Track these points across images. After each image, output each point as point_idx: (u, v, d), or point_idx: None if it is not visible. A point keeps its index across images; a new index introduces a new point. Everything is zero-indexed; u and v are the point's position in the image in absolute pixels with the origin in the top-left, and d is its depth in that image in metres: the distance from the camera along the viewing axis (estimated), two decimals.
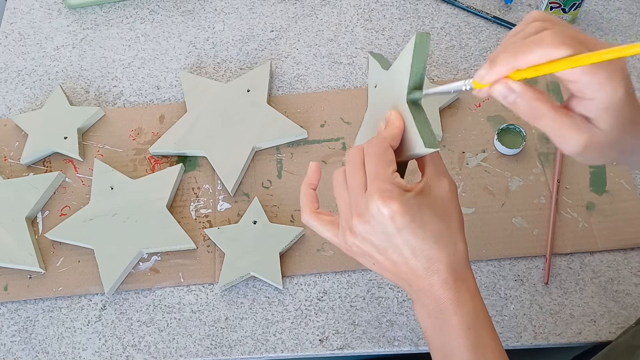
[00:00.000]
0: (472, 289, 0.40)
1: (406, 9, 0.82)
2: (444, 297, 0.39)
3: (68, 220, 0.67)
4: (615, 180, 0.67)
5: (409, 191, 0.38)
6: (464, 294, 0.39)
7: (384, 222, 0.37)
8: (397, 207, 0.36)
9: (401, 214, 0.37)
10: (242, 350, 0.61)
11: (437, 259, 0.39)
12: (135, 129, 0.74)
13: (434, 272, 0.39)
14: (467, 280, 0.40)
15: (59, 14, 0.85)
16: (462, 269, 0.40)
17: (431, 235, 0.38)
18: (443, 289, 0.39)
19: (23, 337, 0.63)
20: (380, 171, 0.38)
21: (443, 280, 0.39)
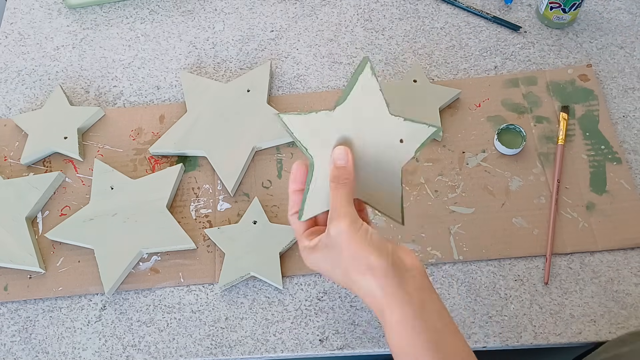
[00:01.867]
0: (388, 321, 0.43)
1: (406, 9, 0.82)
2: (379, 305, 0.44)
3: (68, 220, 0.67)
4: (615, 180, 0.67)
5: (313, 249, 0.47)
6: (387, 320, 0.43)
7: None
8: (308, 264, 0.48)
9: (313, 268, 0.48)
10: (242, 350, 0.61)
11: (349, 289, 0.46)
12: (135, 129, 0.74)
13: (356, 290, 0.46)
14: (383, 312, 0.43)
15: (59, 14, 0.85)
16: (372, 305, 0.45)
17: (334, 280, 0.47)
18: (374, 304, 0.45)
19: (23, 337, 0.63)
20: (297, 237, 0.50)
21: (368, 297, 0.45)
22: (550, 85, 0.73)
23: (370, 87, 0.46)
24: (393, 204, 0.50)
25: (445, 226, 0.65)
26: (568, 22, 0.77)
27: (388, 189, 0.49)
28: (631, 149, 0.69)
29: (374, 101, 0.47)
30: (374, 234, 0.44)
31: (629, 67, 0.74)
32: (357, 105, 0.46)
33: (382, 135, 0.48)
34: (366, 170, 0.48)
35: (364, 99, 0.46)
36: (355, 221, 0.44)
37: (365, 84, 0.46)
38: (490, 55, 0.77)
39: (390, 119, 0.47)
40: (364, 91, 0.46)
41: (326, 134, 0.47)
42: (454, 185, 0.68)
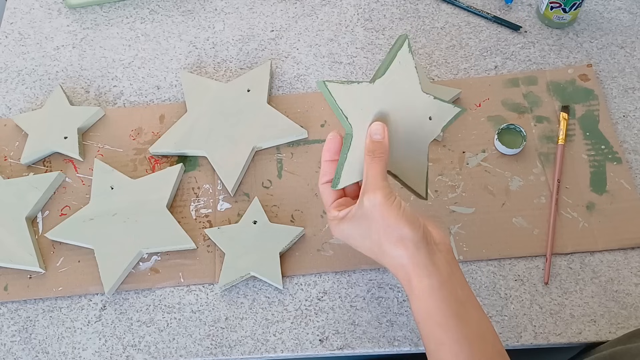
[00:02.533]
0: (415, 288, 0.46)
1: (406, 8, 0.82)
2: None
3: (68, 220, 0.67)
4: (615, 180, 0.67)
5: (343, 219, 0.49)
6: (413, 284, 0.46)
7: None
8: (336, 234, 0.51)
9: (341, 238, 0.51)
10: (242, 350, 0.61)
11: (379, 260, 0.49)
12: (135, 129, 0.74)
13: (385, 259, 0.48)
14: (410, 281, 0.46)
15: (59, 14, 0.85)
16: (400, 274, 0.47)
17: (362, 250, 0.49)
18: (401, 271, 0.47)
19: (23, 337, 0.63)
20: (325, 208, 0.52)
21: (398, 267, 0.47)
22: (550, 85, 0.73)
23: (407, 63, 0.48)
24: (419, 179, 0.52)
25: (445, 226, 0.65)
26: (568, 22, 0.77)
27: (415, 164, 0.51)
28: (631, 148, 0.69)
29: (409, 78, 0.48)
30: (406, 208, 0.46)
31: (629, 67, 0.74)
32: (394, 80, 0.48)
33: (414, 111, 0.49)
34: (398, 144, 0.50)
35: (400, 74, 0.48)
36: (389, 194, 0.46)
37: (402, 59, 0.48)
38: (490, 55, 0.76)
39: (422, 96, 0.49)
40: (401, 67, 0.48)
41: (365, 106, 0.48)
42: (454, 185, 0.68)
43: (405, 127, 0.50)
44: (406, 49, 0.48)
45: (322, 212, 0.67)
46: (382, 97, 0.48)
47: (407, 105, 0.49)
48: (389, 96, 0.48)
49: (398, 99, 0.49)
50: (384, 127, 0.48)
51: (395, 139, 0.50)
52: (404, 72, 0.48)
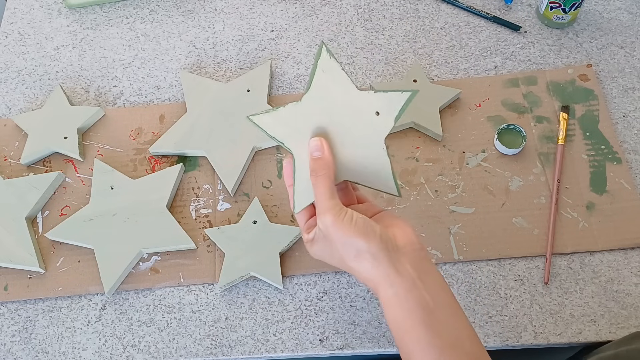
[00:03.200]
0: (382, 298, 0.45)
1: (406, 9, 0.82)
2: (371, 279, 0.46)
3: (68, 220, 0.67)
4: (615, 180, 0.67)
5: (312, 241, 0.49)
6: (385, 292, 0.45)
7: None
8: (312, 254, 0.50)
9: (315, 257, 0.50)
10: (242, 350, 0.61)
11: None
12: (135, 129, 0.74)
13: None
14: (378, 291, 0.45)
15: (59, 14, 0.85)
16: (369, 286, 0.46)
17: (332, 263, 0.49)
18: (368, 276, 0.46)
19: (23, 337, 0.63)
20: (300, 230, 0.51)
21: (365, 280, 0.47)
22: (550, 85, 0.73)
23: (331, 68, 0.46)
24: (384, 178, 0.50)
25: (445, 226, 0.65)
26: (568, 22, 0.77)
27: (376, 165, 0.49)
28: (631, 148, 0.69)
29: (339, 82, 0.47)
30: (359, 220, 0.45)
31: (629, 67, 0.74)
32: (323, 90, 0.46)
33: (356, 113, 0.47)
34: (349, 152, 0.48)
35: (328, 82, 0.46)
36: (338, 212, 0.45)
37: (325, 67, 0.46)
38: (490, 55, 0.77)
39: (360, 95, 0.47)
40: (326, 74, 0.46)
41: (299, 126, 0.47)
42: (454, 185, 0.68)
43: (352, 132, 0.48)
44: (326, 55, 0.46)
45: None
46: (316, 111, 0.47)
47: (346, 109, 0.47)
48: (323, 108, 0.47)
49: (334, 108, 0.47)
50: (322, 142, 0.47)
51: (344, 147, 0.48)
52: (331, 78, 0.46)
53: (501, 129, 0.69)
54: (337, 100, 0.47)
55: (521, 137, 0.68)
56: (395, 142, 0.71)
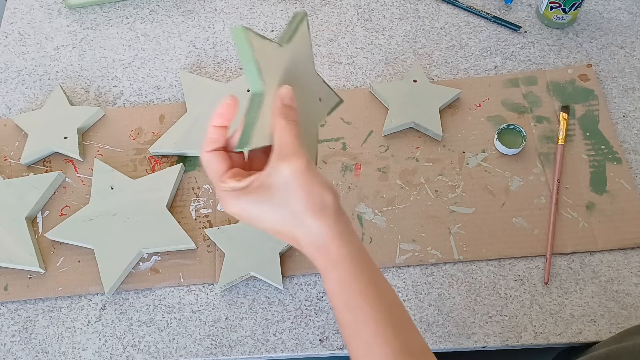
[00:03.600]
0: (334, 258, 0.43)
1: (406, 9, 0.82)
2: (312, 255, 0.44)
3: (68, 220, 0.67)
4: (615, 180, 0.67)
5: (244, 191, 0.43)
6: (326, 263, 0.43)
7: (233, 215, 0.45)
8: (233, 211, 0.43)
9: (239, 216, 0.43)
10: (242, 350, 0.61)
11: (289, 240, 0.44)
12: (135, 129, 0.74)
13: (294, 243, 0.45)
14: (329, 250, 0.43)
15: (59, 14, 0.85)
16: (318, 245, 0.43)
17: (270, 226, 0.43)
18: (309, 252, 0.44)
19: (23, 337, 0.63)
20: (214, 180, 0.44)
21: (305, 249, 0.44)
22: (550, 85, 0.73)
23: (305, 40, 0.46)
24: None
25: (445, 226, 0.65)
26: (568, 22, 0.77)
27: (307, 142, 0.48)
28: (631, 149, 0.69)
29: (306, 54, 0.47)
30: (322, 174, 0.43)
31: (629, 67, 0.74)
32: (296, 50, 0.46)
33: (308, 89, 0.48)
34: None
35: (301, 47, 0.46)
36: (310, 160, 0.42)
37: (302, 35, 0.46)
38: (490, 55, 0.77)
39: (315, 76, 0.48)
40: (302, 40, 0.46)
41: (275, 67, 0.44)
42: (454, 185, 0.68)
43: (301, 103, 0.46)
44: (305, 26, 0.46)
45: None
46: (287, 64, 0.45)
47: (304, 80, 0.47)
48: (291, 66, 0.45)
49: (297, 72, 0.46)
50: (293, 93, 0.44)
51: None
52: (302, 47, 0.46)
53: (501, 129, 0.69)
54: (300, 68, 0.46)
55: (521, 137, 0.68)
56: (395, 142, 0.71)
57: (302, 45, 0.46)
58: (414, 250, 0.64)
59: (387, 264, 0.64)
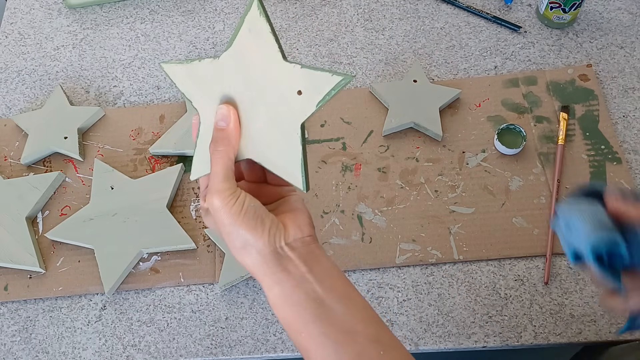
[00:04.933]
0: (269, 297, 0.41)
1: (406, 9, 0.82)
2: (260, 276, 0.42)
3: (68, 220, 0.67)
4: (615, 180, 0.67)
5: (207, 211, 0.43)
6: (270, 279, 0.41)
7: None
8: (207, 224, 0.45)
9: (211, 227, 0.44)
10: (242, 350, 0.61)
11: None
12: (136, 129, 0.74)
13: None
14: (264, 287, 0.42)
15: (59, 14, 0.86)
16: (255, 275, 0.42)
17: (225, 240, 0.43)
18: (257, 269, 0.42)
19: (23, 337, 0.63)
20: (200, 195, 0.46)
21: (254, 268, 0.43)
22: (550, 85, 0.73)
23: (259, 29, 0.40)
24: (292, 166, 0.43)
25: (445, 226, 0.65)
26: (568, 22, 0.77)
27: (286, 150, 0.43)
28: (631, 148, 0.69)
29: (265, 46, 0.40)
30: (249, 209, 0.40)
31: (629, 67, 0.74)
32: (245, 52, 0.41)
33: (276, 86, 0.41)
34: (259, 128, 0.42)
35: (252, 44, 0.40)
36: (228, 196, 0.40)
37: (253, 26, 0.40)
38: (490, 55, 0.77)
39: (284, 67, 0.40)
40: (252, 35, 0.40)
41: (212, 85, 0.41)
42: (454, 185, 0.68)
43: (268, 106, 0.42)
44: (255, 12, 0.39)
45: (323, 212, 0.67)
46: (233, 73, 0.41)
47: (266, 79, 0.41)
48: (242, 71, 0.41)
49: (253, 73, 0.41)
50: (229, 111, 0.41)
51: (254, 121, 0.42)
52: (257, 40, 0.40)
53: (501, 129, 0.69)
54: (258, 66, 0.41)
55: (521, 137, 0.68)
56: (395, 142, 0.71)
57: (254, 39, 0.40)
58: (414, 250, 0.64)
59: (387, 263, 0.64)
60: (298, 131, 0.42)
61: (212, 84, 0.42)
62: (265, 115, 0.42)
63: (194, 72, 0.42)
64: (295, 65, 0.40)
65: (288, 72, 0.41)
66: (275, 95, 0.41)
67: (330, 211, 0.67)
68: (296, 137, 0.42)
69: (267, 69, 0.41)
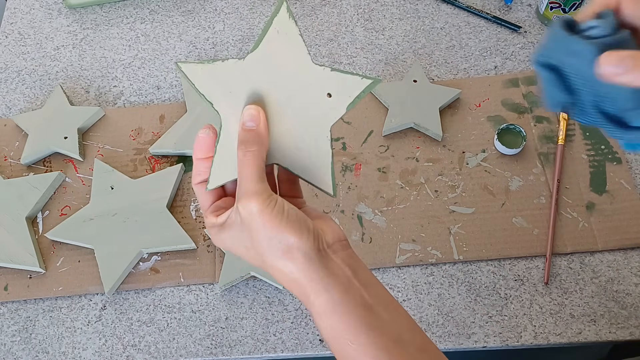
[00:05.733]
0: (315, 305, 0.39)
1: (406, 9, 0.82)
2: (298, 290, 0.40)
3: (68, 220, 0.67)
4: (615, 180, 0.67)
5: (222, 227, 0.41)
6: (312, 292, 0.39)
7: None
8: (218, 245, 0.43)
9: (222, 247, 0.42)
10: (242, 350, 0.61)
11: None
12: (136, 129, 0.74)
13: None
14: (308, 296, 0.39)
15: (59, 14, 0.86)
16: (295, 289, 0.40)
17: (252, 262, 0.41)
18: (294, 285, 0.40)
19: (23, 337, 0.63)
20: (203, 212, 0.43)
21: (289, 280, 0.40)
22: None
23: (287, 31, 0.40)
24: (321, 171, 0.42)
25: (445, 226, 0.65)
26: None
27: (315, 154, 0.42)
28: None
29: (294, 48, 0.40)
30: (290, 211, 0.38)
31: None
32: (273, 53, 0.40)
33: (305, 88, 0.41)
34: (287, 131, 0.41)
35: (281, 45, 0.40)
36: (267, 198, 0.38)
37: (281, 28, 0.40)
38: (490, 55, 0.77)
39: (314, 69, 0.40)
40: (280, 37, 0.40)
41: (236, 87, 0.40)
42: (454, 185, 0.68)
43: (296, 110, 0.41)
44: (285, 14, 0.39)
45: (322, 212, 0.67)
46: (259, 75, 0.40)
47: (294, 81, 0.41)
48: (269, 73, 0.40)
49: (281, 76, 0.40)
50: (259, 112, 0.40)
51: (282, 125, 0.41)
52: (285, 42, 0.40)
53: (501, 129, 0.69)
54: (286, 68, 0.40)
55: (521, 137, 0.68)
56: (395, 142, 0.71)
57: (284, 40, 0.40)
58: (414, 250, 0.64)
59: (387, 263, 0.64)
60: (328, 134, 0.42)
61: (237, 86, 0.40)
62: (294, 118, 0.41)
63: (217, 72, 0.40)
64: (325, 68, 0.40)
65: (318, 75, 0.40)
66: (304, 98, 0.41)
67: (330, 211, 0.67)
68: (326, 140, 0.42)
69: (296, 72, 0.40)
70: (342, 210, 0.67)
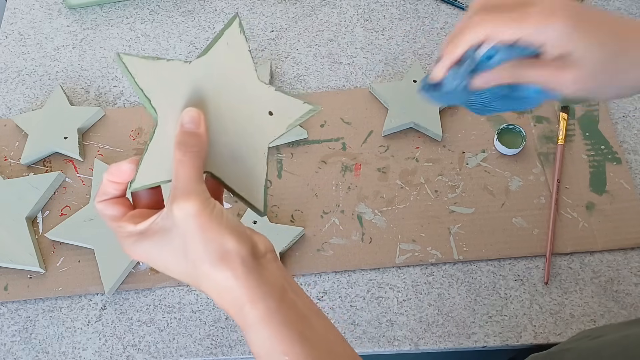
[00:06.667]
0: (249, 317, 0.37)
1: (406, 9, 0.82)
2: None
3: (68, 220, 0.67)
4: (615, 180, 0.67)
5: (143, 235, 0.38)
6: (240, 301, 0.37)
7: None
8: (137, 257, 0.39)
9: (145, 262, 0.40)
10: (242, 350, 0.61)
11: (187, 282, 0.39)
12: (136, 129, 0.74)
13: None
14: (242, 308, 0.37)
15: (59, 14, 0.86)
16: (229, 301, 0.37)
17: (177, 275, 0.39)
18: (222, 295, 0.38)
19: (23, 337, 0.63)
20: (111, 227, 0.41)
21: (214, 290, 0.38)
22: None
23: (237, 45, 0.41)
24: (253, 186, 0.42)
25: (445, 226, 0.65)
26: None
27: (250, 169, 0.42)
28: (631, 149, 0.69)
29: (241, 63, 0.41)
30: (229, 216, 0.37)
31: None
32: (219, 64, 0.40)
33: (247, 103, 0.41)
34: (224, 141, 0.41)
35: (229, 58, 0.41)
36: (206, 199, 0.36)
37: (231, 41, 0.40)
38: None
39: (258, 86, 0.41)
40: (229, 48, 0.40)
41: (178, 88, 0.39)
42: (454, 185, 0.68)
43: (236, 121, 0.41)
44: (236, 29, 0.40)
45: (322, 212, 0.67)
46: (203, 81, 0.40)
47: (238, 95, 0.41)
48: (213, 81, 0.40)
49: (224, 86, 0.41)
50: (199, 115, 0.38)
51: (221, 134, 0.41)
52: (233, 55, 0.40)
53: (501, 129, 0.69)
54: (231, 81, 0.41)
55: (521, 137, 0.68)
56: (395, 142, 0.71)
57: (232, 53, 0.41)
58: (414, 250, 0.64)
59: (387, 264, 0.64)
60: (265, 151, 0.42)
61: (179, 87, 0.40)
62: (232, 130, 0.41)
63: (160, 70, 0.39)
64: (270, 87, 0.42)
65: (262, 92, 0.42)
66: (245, 112, 0.41)
67: (330, 211, 0.67)
68: (262, 156, 0.42)
69: (241, 86, 0.41)
70: (342, 210, 0.67)
